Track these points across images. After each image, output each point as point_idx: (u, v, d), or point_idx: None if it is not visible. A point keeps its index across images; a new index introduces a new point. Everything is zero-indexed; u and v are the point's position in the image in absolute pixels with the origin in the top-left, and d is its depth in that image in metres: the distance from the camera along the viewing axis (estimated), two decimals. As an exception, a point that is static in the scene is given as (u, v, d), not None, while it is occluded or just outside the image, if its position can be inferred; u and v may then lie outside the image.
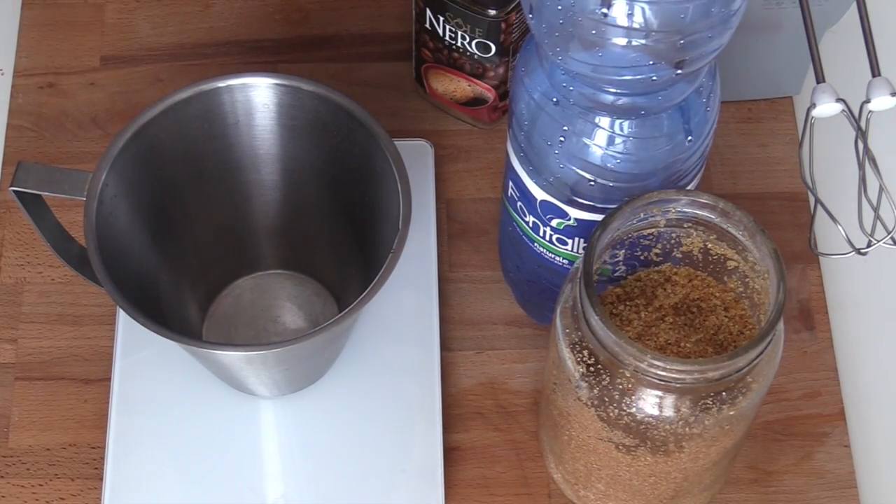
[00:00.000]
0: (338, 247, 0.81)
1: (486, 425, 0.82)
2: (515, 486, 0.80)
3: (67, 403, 0.82)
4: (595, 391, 0.66)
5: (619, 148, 0.66)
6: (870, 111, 0.63)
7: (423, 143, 0.89)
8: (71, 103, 0.92)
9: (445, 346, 0.84)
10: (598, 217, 0.68)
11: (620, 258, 0.70)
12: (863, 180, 0.64)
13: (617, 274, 0.71)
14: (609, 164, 0.67)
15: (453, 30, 0.83)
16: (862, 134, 0.63)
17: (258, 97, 0.74)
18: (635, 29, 0.59)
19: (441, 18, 0.83)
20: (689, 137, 0.67)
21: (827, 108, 0.63)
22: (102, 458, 0.79)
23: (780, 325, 0.66)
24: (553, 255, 0.75)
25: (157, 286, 0.77)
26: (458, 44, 0.83)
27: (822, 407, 0.82)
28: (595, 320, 0.63)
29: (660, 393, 0.64)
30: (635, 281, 0.70)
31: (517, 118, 0.69)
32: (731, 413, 0.65)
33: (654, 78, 0.62)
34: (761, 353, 0.63)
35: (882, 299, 0.81)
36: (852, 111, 0.63)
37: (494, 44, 0.82)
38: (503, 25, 0.80)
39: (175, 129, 0.74)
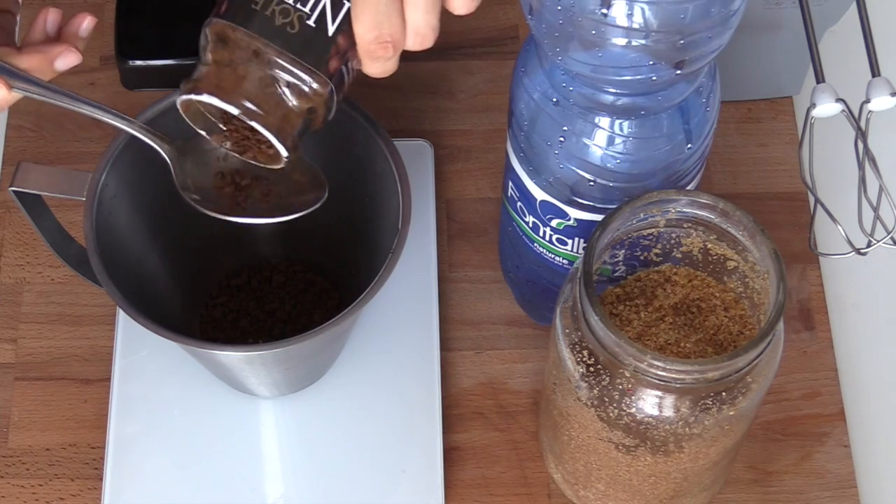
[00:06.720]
0: (338, 246, 0.80)
1: (486, 425, 0.82)
2: (515, 486, 0.80)
3: (67, 403, 0.82)
4: (595, 391, 0.66)
5: (619, 148, 0.66)
6: (870, 111, 0.63)
7: (423, 143, 0.89)
8: (71, 103, 0.92)
9: (445, 346, 0.83)
10: (598, 217, 0.68)
11: (620, 258, 0.70)
12: (863, 180, 0.64)
13: (617, 274, 0.71)
14: (609, 165, 0.67)
15: None
16: (862, 134, 0.63)
17: (258, 97, 0.74)
18: (635, 29, 0.59)
19: None
20: (689, 138, 0.67)
21: (827, 108, 0.63)
22: (102, 458, 0.79)
23: (780, 326, 0.66)
24: (553, 255, 0.75)
25: (157, 286, 0.77)
26: None
27: (822, 407, 0.82)
28: (595, 320, 0.63)
29: (660, 393, 0.64)
30: (635, 281, 0.70)
31: (517, 118, 0.69)
32: (731, 413, 0.65)
33: (654, 78, 0.62)
34: (761, 353, 0.63)
35: (882, 299, 0.81)
36: (852, 111, 0.63)
37: None
38: None
39: (175, 128, 0.74)
